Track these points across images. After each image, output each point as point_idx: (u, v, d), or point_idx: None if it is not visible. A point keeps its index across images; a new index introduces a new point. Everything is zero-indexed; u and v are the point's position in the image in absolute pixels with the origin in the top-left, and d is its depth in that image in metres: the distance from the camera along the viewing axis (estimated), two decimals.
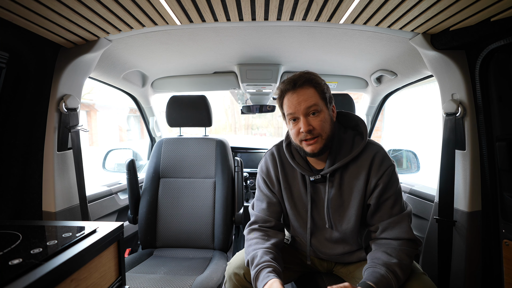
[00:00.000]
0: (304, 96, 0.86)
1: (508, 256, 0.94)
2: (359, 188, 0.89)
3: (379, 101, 1.96)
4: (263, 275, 0.78)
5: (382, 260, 0.79)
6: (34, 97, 1.04)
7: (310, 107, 0.85)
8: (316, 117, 0.86)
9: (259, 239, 0.92)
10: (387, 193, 0.87)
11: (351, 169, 0.91)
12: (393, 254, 0.80)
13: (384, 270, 0.76)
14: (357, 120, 0.98)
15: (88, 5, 0.80)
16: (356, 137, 0.94)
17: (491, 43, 0.89)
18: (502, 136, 0.96)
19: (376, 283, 0.73)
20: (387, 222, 0.86)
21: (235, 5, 0.85)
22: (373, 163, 0.88)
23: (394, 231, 0.84)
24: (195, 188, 1.50)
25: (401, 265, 0.77)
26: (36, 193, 1.07)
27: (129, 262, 1.26)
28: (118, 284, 0.74)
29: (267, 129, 10.05)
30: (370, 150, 0.90)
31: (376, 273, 0.76)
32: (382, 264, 0.78)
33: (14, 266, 0.50)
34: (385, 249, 0.82)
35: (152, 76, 1.78)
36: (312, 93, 0.87)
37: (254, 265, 0.83)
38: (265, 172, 1.04)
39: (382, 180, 0.87)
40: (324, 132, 0.87)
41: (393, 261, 0.78)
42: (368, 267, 0.81)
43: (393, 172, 0.88)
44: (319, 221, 0.96)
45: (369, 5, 0.84)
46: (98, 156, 2.04)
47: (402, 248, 0.81)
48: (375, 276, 0.75)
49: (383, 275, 0.75)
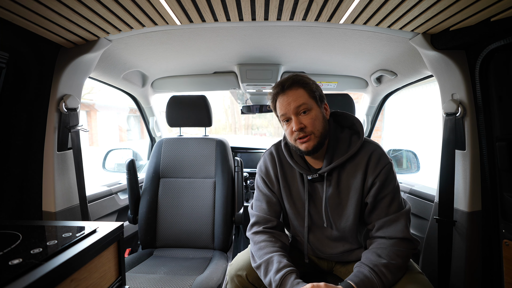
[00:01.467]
0: (293, 97, 0.88)
1: (508, 256, 0.94)
2: (356, 187, 0.89)
3: (379, 101, 1.96)
4: (291, 281, 0.78)
5: (370, 260, 0.80)
6: (34, 97, 1.04)
7: (299, 106, 0.88)
8: (307, 116, 0.88)
9: (267, 241, 0.91)
10: (384, 191, 0.87)
11: (348, 167, 0.91)
12: (382, 255, 0.80)
13: (368, 270, 0.77)
14: (353, 119, 0.99)
15: (88, 5, 0.80)
16: (353, 136, 0.95)
17: (491, 43, 0.89)
18: (502, 136, 0.96)
19: (357, 283, 0.74)
20: (383, 220, 0.86)
21: (235, 5, 0.85)
22: (370, 162, 0.89)
23: (389, 229, 0.84)
24: (195, 188, 1.50)
25: (389, 265, 0.78)
26: (36, 193, 1.07)
27: (129, 262, 1.26)
28: (118, 284, 0.74)
29: (267, 129, 10.05)
30: (367, 148, 0.91)
31: (360, 273, 0.77)
32: (369, 264, 0.79)
33: (14, 266, 0.50)
34: (376, 249, 0.83)
35: (152, 76, 1.78)
36: (301, 93, 0.89)
37: (275, 270, 0.81)
38: (264, 171, 1.04)
39: (379, 178, 0.87)
40: (316, 129, 0.88)
41: (381, 262, 0.78)
42: (355, 267, 0.82)
43: (390, 170, 0.88)
44: (317, 219, 0.97)
45: (369, 5, 0.84)
46: (98, 156, 2.04)
47: (394, 249, 0.81)
48: (358, 276, 0.76)
49: (366, 276, 0.76)
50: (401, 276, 0.81)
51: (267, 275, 0.83)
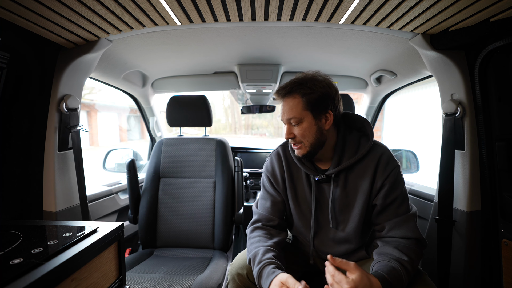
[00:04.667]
0: (286, 107, 0.90)
1: (507, 255, 0.94)
2: (364, 189, 0.90)
3: (378, 101, 1.96)
4: (267, 271, 0.78)
5: (394, 255, 0.79)
6: (35, 97, 1.04)
7: (290, 119, 0.90)
8: (297, 127, 0.90)
9: (261, 237, 0.93)
10: (393, 194, 0.87)
11: (357, 169, 0.91)
12: (404, 251, 0.80)
13: (398, 265, 0.76)
14: (363, 122, 0.98)
15: (88, 5, 0.80)
16: (362, 138, 0.95)
17: (491, 43, 0.89)
18: (501, 136, 0.96)
19: (389, 274, 0.73)
20: (394, 221, 0.86)
21: (235, 5, 0.86)
22: (379, 164, 0.89)
23: (401, 230, 0.85)
24: (195, 188, 1.51)
25: (411, 263, 0.78)
26: (37, 193, 1.07)
27: (129, 261, 1.27)
28: (118, 283, 0.75)
29: (267, 129, 10.06)
30: (376, 151, 0.91)
31: (390, 267, 0.76)
32: (395, 259, 0.78)
33: (15, 266, 0.50)
34: (396, 246, 0.82)
35: (152, 76, 1.78)
36: (296, 103, 0.88)
37: (256, 262, 0.83)
38: (270, 171, 1.05)
39: (388, 180, 0.87)
40: (306, 140, 0.89)
41: (404, 258, 0.78)
42: (380, 260, 0.80)
43: (398, 173, 0.89)
44: (323, 221, 0.97)
45: (369, 6, 0.84)
46: (99, 156, 2.04)
47: (412, 248, 0.81)
48: (389, 270, 0.75)
49: (396, 269, 0.75)
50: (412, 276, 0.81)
51: (254, 268, 0.84)
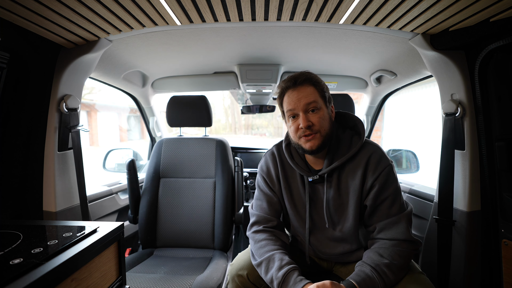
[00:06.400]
0: (304, 93, 0.88)
1: (507, 255, 0.94)
2: (355, 188, 0.89)
3: (378, 101, 1.96)
4: (293, 278, 0.78)
5: (372, 259, 0.80)
6: (35, 97, 1.04)
7: (309, 104, 0.87)
8: (315, 114, 0.88)
9: (268, 240, 0.91)
10: (384, 193, 0.87)
11: (348, 169, 0.91)
12: (384, 254, 0.80)
13: (370, 270, 0.77)
14: (355, 120, 0.99)
15: (88, 5, 0.80)
16: (354, 137, 0.95)
17: (491, 43, 0.89)
18: (501, 136, 0.96)
19: (359, 282, 0.74)
20: (384, 222, 0.86)
21: (235, 5, 0.86)
22: (369, 163, 0.88)
23: (390, 231, 0.84)
24: (195, 188, 1.51)
25: (391, 265, 0.78)
26: (37, 193, 1.07)
27: (129, 261, 1.27)
28: (118, 283, 0.75)
29: (267, 129, 10.06)
30: (366, 150, 0.91)
31: (362, 272, 0.77)
32: (371, 263, 0.79)
33: (14, 266, 0.50)
34: (377, 249, 0.83)
35: (152, 76, 1.78)
36: (312, 90, 0.89)
37: (277, 267, 0.81)
38: (265, 171, 1.04)
39: (378, 181, 0.87)
40: (322, 129, 0.88)
41: (383, 261, 0.78)
42: (356, 266, 0.82)
43: (390, 172, 0.88)
44: (318, 221, 0.97)
45: (368, 6, 0.84)
46: (99, 156, 2.04)
47: (396, 249, 0.81)
48: (359, 275, 0.76)
49: (368, 275, 0.76)
50: (403, 276, 0.80)
51: (268, 272, 0.83)
